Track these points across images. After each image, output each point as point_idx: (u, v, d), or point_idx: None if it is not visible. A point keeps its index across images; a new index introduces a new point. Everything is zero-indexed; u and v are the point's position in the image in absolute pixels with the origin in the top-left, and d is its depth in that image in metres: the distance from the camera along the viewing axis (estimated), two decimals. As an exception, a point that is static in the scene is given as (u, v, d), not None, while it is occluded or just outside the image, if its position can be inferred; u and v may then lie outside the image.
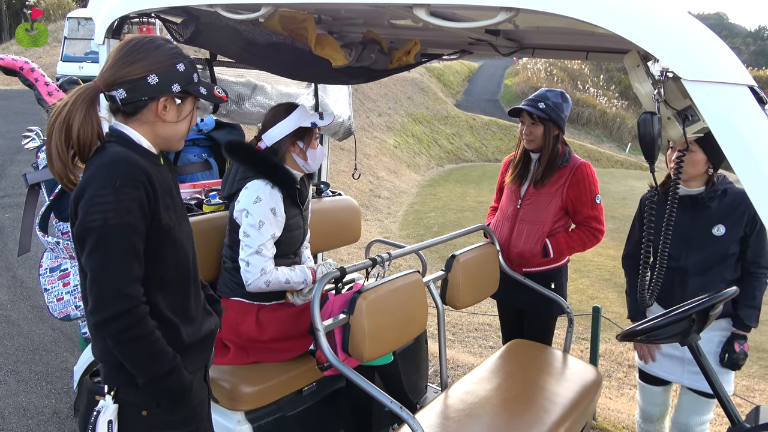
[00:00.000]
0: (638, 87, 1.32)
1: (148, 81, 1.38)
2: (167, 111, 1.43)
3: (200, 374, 1.60)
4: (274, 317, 2.22)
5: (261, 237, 2.11)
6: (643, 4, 1.13)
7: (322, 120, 2.26)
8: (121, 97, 1.39)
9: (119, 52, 1.40)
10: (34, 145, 2.73)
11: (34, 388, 3.29)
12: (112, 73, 1.38)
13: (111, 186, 1.31)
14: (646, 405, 2.56)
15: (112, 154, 1.37)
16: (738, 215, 2.25)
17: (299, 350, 2.24)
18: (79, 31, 13.08)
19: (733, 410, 1.69)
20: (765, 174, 1.01)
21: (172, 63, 1.41)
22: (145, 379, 1.38)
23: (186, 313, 1.52)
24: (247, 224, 2.12)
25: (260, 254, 2.11)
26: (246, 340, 2.20)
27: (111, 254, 1.31)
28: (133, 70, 1.37)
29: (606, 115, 25.45)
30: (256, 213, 2.12)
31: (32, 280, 4.71)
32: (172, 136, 1.49)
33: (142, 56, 1.38)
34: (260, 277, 2.11)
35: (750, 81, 1.06)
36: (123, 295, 1.31)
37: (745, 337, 2.30)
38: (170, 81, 1.41)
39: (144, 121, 1.44)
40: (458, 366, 4.20)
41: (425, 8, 1.39)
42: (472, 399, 2.17)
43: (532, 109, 2.62)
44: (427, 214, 10.88)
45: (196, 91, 1.46)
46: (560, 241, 2.72)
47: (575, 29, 1.81)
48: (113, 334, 1.33)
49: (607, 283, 7.77)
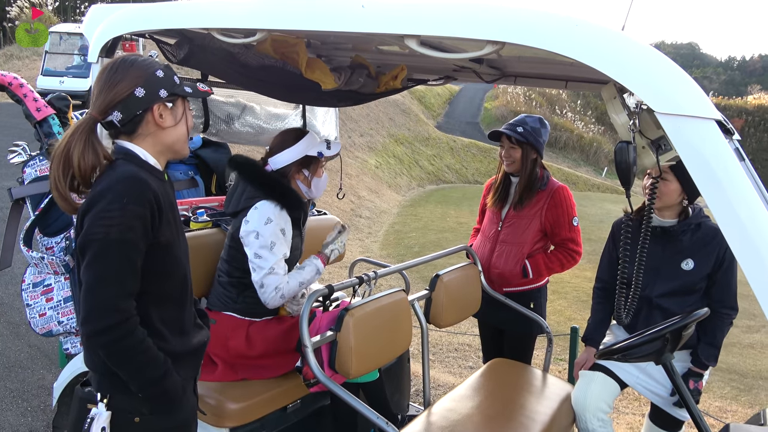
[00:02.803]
0: (615, 117, 1.41)
1: (136, 95, 1.44)
2: (164, 117, 1.49)
3: (191, 384, 1.62)
4: (264, 334, 2.24)
5: (273, 257, 2.15)
6: (619, 41, 1.22)
7: (329, 150, 2.32)
8: (118, 118, 1.45)
9: (99, 81, 1.46)
10: (20, 159, 2.73)
11: (10, 405, 3.23)
12: (101, 100, 1.45)
13: (119, 202, 1.36)
14: (577, 391, 2.39)
15: (123, 172, 1.41)
16: (708, 251, 2.26)
17: (286, 367, 2.26)
18: (60, 45, 13.01)
19: (705, 427, 1.76)
20: (731, 201, 1.09)
21: (151, 72, 1.47)
22: (138, 385, 1.42)
23: (180, 327, 1.55)
24: (259, 246, 2.14)
25: (273, 274, 2.15)
26: (234, 355, 2.22)
27: (108, 267, 1.34)
28: (119, 90, 1.43)
29: (583, 140, 26.02)
30: (268, 234, 2.15)
31: (8, 296, 4.63)
32: (176, 140, 1.54)
33: (122, 75, 1.44)
34: (276, 295, 2.15)
35: (717, 115, 1.14)
36: (114, 309, 1.35)
37: (701, 375, 2.29)
38: (156, 88, 1.46)
39: (146, 135, 1.49)
40: (439, 385, 4.23)
41: (416, 39, 1.46)
42: (455, 416, 2.21)
43: (511, 133, 2.72)
44: (408, 234, 10.95)
45: (183, 91, 1.52)
46: (539, 262, 2.80)
47: (556, 59, 1.90)
48: (104, 345, 1.36)
49: (585, 304, 7.88)
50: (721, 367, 5.80)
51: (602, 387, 2.33)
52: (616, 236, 2.52)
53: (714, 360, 2.27)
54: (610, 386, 2.34)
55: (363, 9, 1.47)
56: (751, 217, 1.08)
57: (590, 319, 2.59)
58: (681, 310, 2.27)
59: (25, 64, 16.83)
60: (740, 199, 1.09)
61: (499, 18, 1.28)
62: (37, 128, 2.65)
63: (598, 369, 2.39)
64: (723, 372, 5.81)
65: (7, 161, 2.83)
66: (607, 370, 2.37)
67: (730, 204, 1.09)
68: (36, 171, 2.60)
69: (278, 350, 2.24)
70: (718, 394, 5.26)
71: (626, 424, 4.05)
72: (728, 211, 1.09)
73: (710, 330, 2.27)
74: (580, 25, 1.23)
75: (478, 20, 1.30)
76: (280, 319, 2.33)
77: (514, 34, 1.25)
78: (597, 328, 2.55)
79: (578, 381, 2.42)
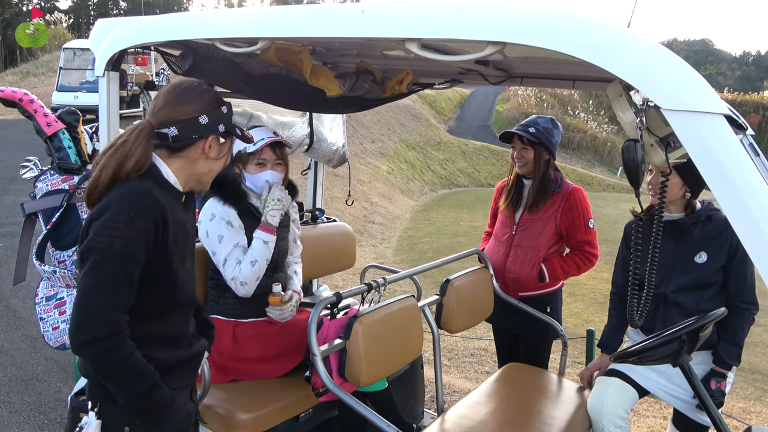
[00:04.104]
0: (621, 116, 1.38)
1: (200, 121, 1.50)
2: (212, 149, 1.55)
3: (186, 392, 1.62)
4: (252, 336, 2.25)
5: (223, 249, 2.19)
6: (623, 38, 1.19)
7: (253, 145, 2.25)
8: (173, 134, 1.49)
9: (170, 94, 1.52)
10: (32, 174, 2.76)
11: (27, 419, 3.25)
12: (165, 113, 1.50)
13: (126, 214, 1.37)
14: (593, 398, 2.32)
15: (136, 185, 1.44)
16: (720, 243, 2.23)
17: (278, 372, 2.26)
18: (74, 61, 13.26)
19: (725, 430, 1.71)
20: (742, 198, 1.05)
21: (218, 105, 1.56)
22: (125, 397, 1.41)
23: (177, 339, 1.56)
24: (210, 243, 2.21)
25: (226, 265, 2.19)
26: (226, 357, 2.23)
27: (105, 277, 1.35)
28: (185, 110, 1.50)
29: (597, 140, 25.78)
30: (213, 229, 2.20)
31: (25, 309, 4.68)
32: (208, 173, 1.59)
33: (192, 98, 1.51)
34: (236, 284, 2.18)
35: (725, 110, 1.11)
36: (107, 321, 1.34)
37: (724, 375, 2.22)
38: (217, 121, 1.54)
39: (188, 158, 1.53)
40: (454, 391, 4.19)
41: (417, 42, 1.45)
42: (469, 423, 2.18)
43: (523, 133, 2.69)
44: (421, 239, 10.91)
45: (235, 132, 1.60)
46: (555, 266, 2.76)
47: (562, 59, 1.88)
48: (91, 356, 1.36)
49: (602, 306, 7.78)
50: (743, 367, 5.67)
51: (619, 393, 2.27)
52: (628, 238, 2.48)
53: (737, 359, 2.21)
54: (627, 392, 2.28)
55: (363, 14, 1.46)
56: (763, 214, 1.04)
57: (606, 325, 2.56)
58: (697, 305, 2.24)
59: (40, 80, 17.14)
60: (751, 196, 1.06)
61: (499, 18, 1.26)
62: (48, 143, 2.68)
63: (615, 375, 2.34)
64: (746, 372, 5.69)
65: (19, 176, 2.87)
66: (625, 376, 2.31)
67: (741, 200, 1.06)
68: (47, 185, 2.62)
69: (268, 354, 2.24)
70: (741, 395, 5.15)
71: (647, 427, 3.98)
72: (739, 208, 1.06)
73: (730, 327, 2.22)
74: (582, 22, 1.21)
75: (477, 21, 1.29)
76: (269, 322, 2.32)
77: (515, 33, 1.24)
78: (612, 334, 2.52)
79: (594, 387, 2.37)
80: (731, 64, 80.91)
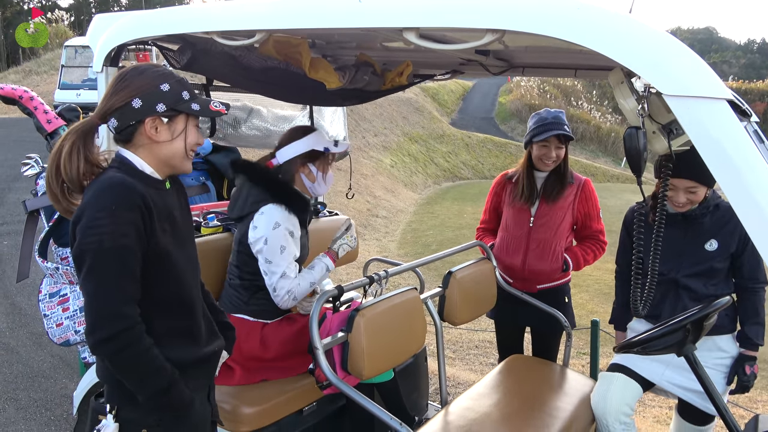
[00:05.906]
0: (623, 103, 1.36)
1: (133, 105, 1.43)
2: (158, 131, 1.46)
3: (203, 393, 1.61)
4: (278, 335, 2.24)
5: (284, 261, 2.14)
6: (622, 23, 1.17)
7: (336, 147, 2.31)
8: (114, 125, 1.45)
9: (110, 85, 1.47)
10: (33, 172, 2.76)
11: (33, 415, 3.27)
12: (102, 105, 1.46)
13: (107, 209, 1.34)
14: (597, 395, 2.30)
15: (108, 179, 1.40)
16: (730, 229, 2.23)
17: (302, 368, 2.25)
18: (76, 59, 13.25)
19: (731, 419, 1.70)
20: (746, 184, 1.04)
21: (156, 84, 1.45)
22: (145, 396, 1.40)
23: (188, 335, 1.53)
24: (269, 251, 2.14)
25: (285, 277, 2.15)
26: (248, 358, 2.21)
27: (106, 276, 1.33)
28: (120, 98, 1.43)
29: (600, 131, 25.64)
30: (276, 239, 2.14)
31: (30, 306, 4.70)
32: (171, 156, 1.50)
33: (126, 83, 1.44)
34: (288, 297, 2.16)
35: (728, 95, 1.09)
36: (118, 316, 1.34)
37: (755, 358, 2.23)
38: (154, 102, 1.44)
39: (140, 145, 1.47)
40: (459, 383, 4.19)
41: (414, 31, 1.43)
42: (473, 415, 2.17)
43: (567, 132, 2.66)
44: (425, 232, 10.90)
45: (187, 108, 1.48)
46: (577, 255, 2.79)
47: (563, 48, 1.86)
48: (110, 354, 1.35)
49: (606, 297, 7.76)
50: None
51: (623, 389, 2.25)
52: (629, 225, 2.47)
53: (762, 338, 2.23)
54: (631, 388, 2.26)
55: (360, 4, 1.44)
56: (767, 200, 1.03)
57: (614, 302, 2.58)
58: (707, 290, 2.26)
59: (43, 78, 17.15)
60: (756, 182, 1.04)
61: (497, 5, 1.24)
62: (48, 140, 2.69)
63: (618, 370, 2.32)
64: (752, 362, 5.66)
65: (21, 174, 2.87)
66: (629, 370, 2.30)
67: (745, 187, 1.04)
68: (48, 182, 2.62)
69: (295, 350, 2.24)
70: (747, 384, 5.13)
71: (653, 417, 3.97)
72: (743, 195, 1.04)
73: (751, 309, 2.24)
74: (581, 8, 1.19)
75: (476, 9, 1.27)
76: (291, 320, 2.32)
77: (513, 20, 1.22)
78: (621, 309, 2.55)
79: (597, 383, 2.35)
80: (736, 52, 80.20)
